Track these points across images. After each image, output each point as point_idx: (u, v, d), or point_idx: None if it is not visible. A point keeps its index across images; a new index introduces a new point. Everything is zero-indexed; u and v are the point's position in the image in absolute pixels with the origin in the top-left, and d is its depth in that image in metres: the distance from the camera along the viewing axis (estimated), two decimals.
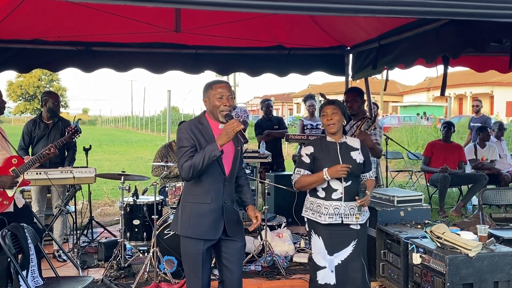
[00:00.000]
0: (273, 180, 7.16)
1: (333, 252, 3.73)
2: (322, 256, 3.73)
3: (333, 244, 3.73)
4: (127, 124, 56.64)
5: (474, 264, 3.77)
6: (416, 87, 45.11)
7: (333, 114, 3.72)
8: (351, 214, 3.71)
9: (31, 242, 3.66)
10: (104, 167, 15.30)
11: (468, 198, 7.93)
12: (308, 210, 3.82)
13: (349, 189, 3.72)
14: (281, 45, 6.88)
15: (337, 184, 3.70)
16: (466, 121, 22.02)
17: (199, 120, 3.42)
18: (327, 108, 3.75)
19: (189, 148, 3.28)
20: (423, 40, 5.19)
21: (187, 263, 3.45)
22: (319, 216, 3.71)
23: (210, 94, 3.36)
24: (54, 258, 5.72)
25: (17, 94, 61.60)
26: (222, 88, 3.35)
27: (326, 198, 3.72)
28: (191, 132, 3.32)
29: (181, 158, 3.27)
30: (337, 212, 3.69)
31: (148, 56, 6.77)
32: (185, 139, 3.31)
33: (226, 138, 3.21)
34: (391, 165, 13.35)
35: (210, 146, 3.21)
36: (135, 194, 5.60)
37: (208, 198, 3.34)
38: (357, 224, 3.76)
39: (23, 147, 5.87)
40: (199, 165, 3.19)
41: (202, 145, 3.30)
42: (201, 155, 3.20)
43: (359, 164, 3.79)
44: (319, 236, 3.74)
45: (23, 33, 6.04)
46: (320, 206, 3.72)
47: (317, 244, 3.76)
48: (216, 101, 3.33)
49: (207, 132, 3.35)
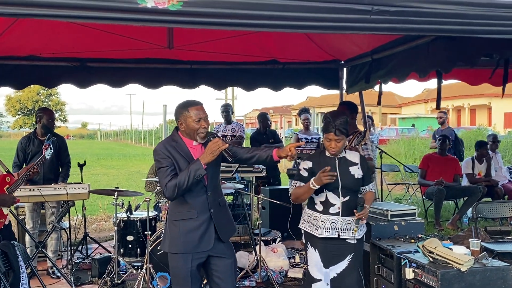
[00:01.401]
0: (268, 194, 7.15)
1: (329, 265, 3.72)
2: (318, 269, 3.72)
3: (329, 257, 3.72)
4: (125, 138, 56.66)
5: (466, 279, 3.76)
6: (414, 99, 45.27)
7: (337, 142, 3.66)
8: (348, 229, 3.70)
9: (22, 260, 3.65)
10: (101, 181, 15.30)
11: (463, 211, 7.92)
12: (305, 222, 3.81)
13: (347, 204, 3.71)
14: (275, 60, 6.92)
15: (335, 199, 3.70)
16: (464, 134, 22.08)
17: (173, 138, 3.40)
18: (332, 136, 3.65)
19: (168, 167, 3.27)
20: (415, 54, 5.23)
21: (176, 281, 3.44)
22: (316, 229, 3.71)
23: (186, 116, 3.31)
24: (48, 275, 5.71)
25: (16, 108, 61.76)
26: (198, 110, 3.31)
27: (323, 212, 3.71)
28: (166, 151, 3.31)
29: (163, 178, 3.25)
30: (333, 227, 3.68)
31: (143, 72, 6.81)
32: (162, 159, 3.30)
33: (211, 157, 3.20)
34: (388, 177, 13.37)
35: (194, 165, 3.20)
36: (128, 210, 5.60)
37: (194, 212, 3.34)
38: (354, 238, 3.75)
39: (17, 164, 5.87)
40: (184, 184, 3.18)
41: (179, 162, 3.28)
42: (185, 174, 3.19)
43: (357, 179, 3.78)
44: (315, 249, 3.74)
45: (18, 49, 6.08)
46: (317, 219, 3.72)
47: (313, 257, 3.75)
48: (194, 124, 3.29)
49: (182, 149, 3.34)
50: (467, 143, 19.53)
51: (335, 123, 3.63)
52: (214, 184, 3.46)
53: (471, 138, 19.55)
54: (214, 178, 3.45)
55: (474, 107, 38.41)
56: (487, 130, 22.99)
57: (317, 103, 38.21)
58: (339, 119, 3.66)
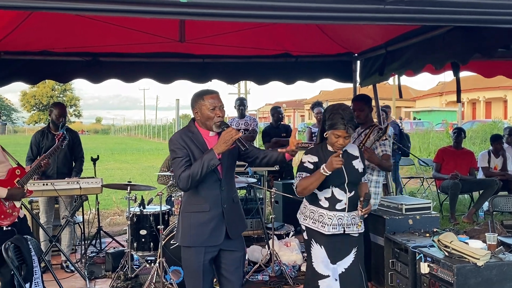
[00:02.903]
0: (281, 188, 7.12)
1: (336, 260, 3.68)
2: (325, 265, 3.67)
3: (335, 253, 3.67)
4: (139, 132, 56.95)
5: (482, 274, 3.70)
6: (429, 92, 44.86)
7: (346, 139, 3.57)
8: (352, 223, 3.67)
9: (35, 254, 3.66)
10: (115, 176, 15.39)
11: (479, 204, 7.82)
12: (308, 219, 3.73)
13: (352, 199, 3.68)
14: (288, 53, 6.86)
15: (342, 195, 3.64)
16: (480, 127, 21.86)
17: (189, 129, 3.39)
18: (342, 132, 3.53)
19: (183, 158, 3.26)
20: (430, 46, 5.14)
21: (188, 275, 3.43)
22: (322, 226, 3.63)
23: (201, 105, 3.30)
24: (62, 269, 5.74)
25: (31, 104, 62.35)
26: (213, 99, 3.30)
27: (329, 208, 3.64)
28: (182, 141, 3.30)
29: (177, 169, 3.25)
30: (340, 223, 3.64)
31: (155, 66, 6.79)
32: (178, 149, 3.28)
33: (224, 146, 3.18)
34: (403, 171, 13.26)
35: (208, 155, 3.18)
36: (141, 204, 5.60)
37: (206, 206, 3.32)
38: (357, 232, 3.72)
39: (31, 158, 5.89)
40: (198, 174, 3.17)
41: (195, 153, 3.27)
42: (199, 164, 3.17)
43: (360, 173, 3.75)
44: (320, 245, 3.67)
45: (30, 45, 6.10)
46: (323, 216, 3.65)
47: (318, 253, 3.69)
48: (209, 112, 3.28)
49: (198, 139, 3.33)
50: (483, 136, 19.34)
51: (346, 119, 3.51)
52: (229, 179, 3.44)
53: (486, 131, 19.34)
54: (229, 173, 3.43)
55: (490, 100, 37.93)
56: (502, 123, 22.67)
57: (330, 97, 38.04)
58: (348, 114, 3.55)
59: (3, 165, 4.08)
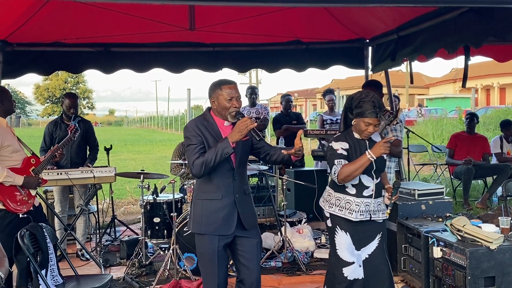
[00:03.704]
0: (293, 176, 7.13)
1: (360, 247, 3.67)
2: (350, 252, 3.65)
3: (360, 239, 3.66)
4: (152, 124, 57.21)
5: (495, 257, 3.69)
6: (442, 78, 44.38)
7: (376, 127, 3.55)
8: (378, 210, 3.66)
9: (50, 241, 3.71)
10: (129, 166, 15.50)
11: (493, 189, 7.76)
12: (334, 206, 3.68)
13: (378, 186, 3.67)
14: (299, 40, 6.84)
15: (369, 181, 3.62)
16: (494, 113, 21.62)
17: (204, 118, 3.41)
18: (373, 120, 3.50)
19: (197, 145, 3.28)
20: (442, 30, 5.09)
21: (202, 261, 3.45)
22: (349, 213, 3.60)
23: (219, 95, 3.32)
24: (77, 257, 5.82)
25: (44, 97, 62.82)
26: (231, 89, 3.32)
27: (357, 195, 3.62)
28: (197, 129, 3.32)
29: (191, 156, 3.28)
30: (367, 209, 3.62)
31: (166, 56, 6.80)
32: (193, 136, 3.31)
33: (239, 135, 3.20)
34: (416, 158, 13.20)
35: (222, 144, 3.20)
36: (154, 192, 5.65)
37: (219, 194, 3.34)
38: (382, 218, 3.70)
39: (44, 148, 5.96)
40: (211, 162, 3.19)
41: (209, 141, 3.30)
42: (213, 152, 3.19)
43: (385, 160, 3.74)
44: (346, 232, 3.65)
45: (42, 36, 6.15)
46: (350, 203, 3.62)
47: (344, 240, 3.66)
48: (225, 102, 3.30)
49: (213, 128, 3.35)
50: (496, 122, 19.12)
51: (378, 107, 3.49)
52: (242, 170, 3.46)
53: (500, 117, 19.10)
54: (241, 164, 3.45)
55: (504, 86, 37.43)
56: None
57: (342, 85, 37.74)
58: (378, 102, 3.53)
59: (19, 154, 4.14)
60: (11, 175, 3.96)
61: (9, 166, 4.02)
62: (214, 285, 3.39)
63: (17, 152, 4.11)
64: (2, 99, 4.13)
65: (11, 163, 4.06)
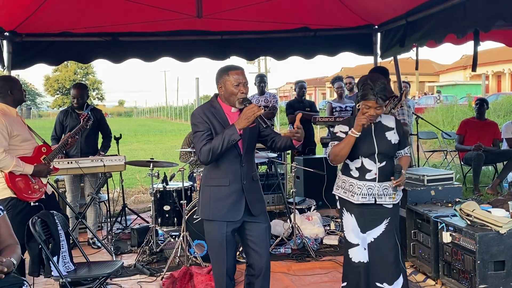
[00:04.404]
0: (302, 163, 7.14)
1: (366, 230, 3.68)
2: (355, 234, 3.68)
3: (365, 222, 3.67)
4: (161, 114, 57.35)
5: (505, 241, 3.68)
6: (453, 65, 43.96)
7: (377, 110, 3.54)
8: (385, 194, 3.64)
9: (61, 228, 3.75)
10: (139, 156, 15.58)
11: (503, 175, 7.71)
12: (340, 188, 3.74)
13: (383, 170, 3.63)
14: (307, 27, 6.80)
15: (371, 165, 3.62)
16: (505, 99, 21.40)
17: (211, 104, 3.41)
18: (372, 103, 3.50)
19: (205, 132, 3.29)
20: (451, 15, 5.04)
21: (211, 246, 3.48)
22: (352, 196, 3.64)
23: (226, 80, 3.32)
24: (89, 245, 5.88)
25: (54, 88, 63.14)
26: (238, 75, 3.31)
27: (359, 178, 3.64)
28: (204, 116, 3.33)
29: (198, 143, 3.29)
30: (370, 193, 3.62)
31: (174, 45, 6.81)
32: (200, 123, 3.32)
33: (246, 122, 3.20)
34: (426, 145, 13.13)
35: (229, 130, 3.20)
36: (164, 181, 5.68)
37: (226, 180, 3.35)
38: (391, 203, 3.68)
39: (55, 137, 6.01)
40: (218, 148, 3.20)
41: (216, 128, 3.30)
42: (220, 138, 3.20)
43: (394, 145, 3.68)
44: (351, 214, 3.68)
45: (51, 26, 6.17)
46: (353, 186, 3.65)
47: (349, 222, 3.70)
48: (233, 88, 3.30)
49: (220, 115, 3.35)
50: (507, 108, 18.97)
51: (376, 90, 3.49)
52: (249, 157, 3.46)
53: (511, 103, 18.95)
54: (249, 151, 3.45)
55: None
56: None
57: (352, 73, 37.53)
58: (379, 85, 3.52)
59: (29, 143, 4.17)
60: (20, 164, 4.00)
61: (19, 155, 4.06)
62: (222, 270, 3.42)
63: (27, 141, 4.15)
64: (12, 88, 4.16)
65: (22, 152, 4.10)
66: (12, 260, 2.61)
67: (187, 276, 4.56)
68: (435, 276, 4.37)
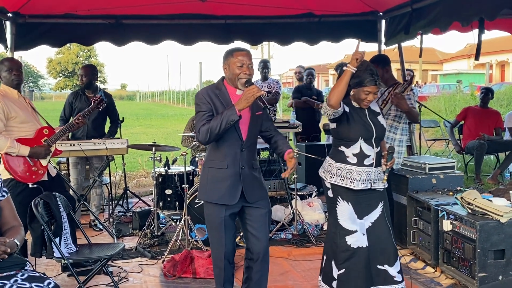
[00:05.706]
0: (304, 149, 7.14)
1: (363, 215, 3.70)
2: (352, 221, 3.68)
3: (361, 208, 3.70)
4: (164, 98, 57.22)
5: (505, 230, 3.69)
6: (456, 54, 43.68)
7: (374, 95, 3.62)
8: (378, 179, 3.69)
9: (64, 210, 3.77)
10: (141, 140, 15.60)
11: (505, 165, 7.72)
12: (335, 176, 3.70)
13: (378, 155, 3.69)
14: (311, 13, 6.76)
15: (370, 150, 3.65)
16: (508, 89, 21.32)
17: (217, 86, 3.43)
18: (373, 88, 3.56)
19: (206, 112, 3.31)
20: (457, 2, 5.02)
21: (210, 229, 3.51)
22: (351, 182, 3.63)
23: (231, 61, 3.34)
24: (91, 228, 5.91)
25: (57, 70, 63.02)
26: (243, 56, 3.33)
27: (358, 164, 3.64)
28: (208, 97, 3.34)
29: (199, 122, 3.31)
30: (368, 178, 3.64)
31: (178, 28, 6.78)
32: (202, 103, 3.34)
33: (245, 103, 3.21)
34: (428, 134, 13.12)
35: (228, 111, 3.21)
36: (166, 165, 5.69)
37: (225, 163, 3.37)
38: (382, 187, 3.73)
39: (63, 118, 6.03)
40: (216, 128, 3.21)
41: (219, 110, 3.31)
42: (219, 119, 3.21)
43: (385, 128, 3.79)
44: (347, 201, 3.68)
45: (54, 8, 6.15)
46: (352, 172, 3.64)
47: (345, 210, 3.69)
48: (236, 69, 3.32)
49: (224, 97, 3.36)
50: (511, 98, 18.90)
51: (376, 75, 3.56)
52: (251, 145, 3.46)
53: None
54: (251, 137, 3.44)
55: None
56: None
57: None
58: (376, 70, 3.61)
59: (29, 125, 4.17)
60: (15, 145, 4.00)
61: (19, 136, 4.06)
62: (221, 253, 3.45)
63: (27, 123, 4.14)
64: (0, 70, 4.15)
65: (22, 133, 4.10)
66: (15, 241, 2.63)
67: (188, 260, 4.59)
68: (434, 263, 4.39)
